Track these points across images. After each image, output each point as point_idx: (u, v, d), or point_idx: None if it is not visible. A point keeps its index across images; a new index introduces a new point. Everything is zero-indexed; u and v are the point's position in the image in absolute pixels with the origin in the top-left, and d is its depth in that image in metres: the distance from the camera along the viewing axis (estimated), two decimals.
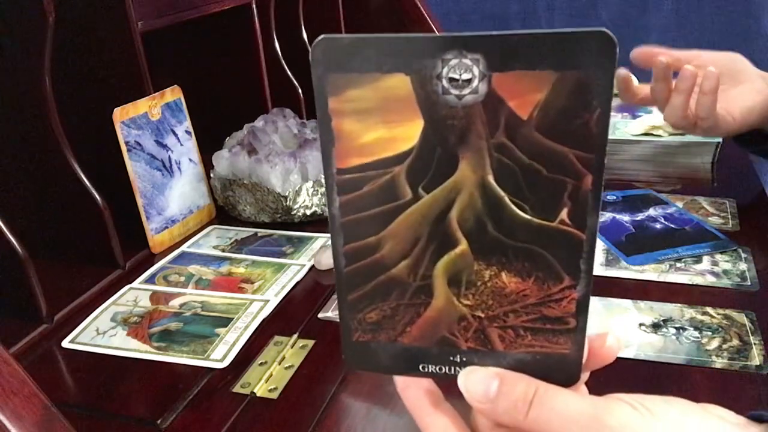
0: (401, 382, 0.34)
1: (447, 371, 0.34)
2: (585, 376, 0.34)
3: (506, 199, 0.30)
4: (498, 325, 0.32)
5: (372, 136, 0.30)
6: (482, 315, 0.33)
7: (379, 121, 0.30)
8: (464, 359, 0.33)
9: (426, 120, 0.30)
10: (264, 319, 0.68)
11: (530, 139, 0.29)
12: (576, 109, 0.28)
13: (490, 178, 0.30)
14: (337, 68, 0.29)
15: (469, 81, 0.28)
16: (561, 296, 0.31)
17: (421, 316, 0.33)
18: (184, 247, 0.85)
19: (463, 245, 0.32)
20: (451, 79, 0.29)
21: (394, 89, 0.29)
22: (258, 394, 0.57)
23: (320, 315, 0.68)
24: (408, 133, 0.30)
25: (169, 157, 0.86)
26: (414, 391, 0.34)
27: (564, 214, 0.30)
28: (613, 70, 0.27)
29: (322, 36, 0.29)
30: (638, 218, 0.85)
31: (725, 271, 0.72)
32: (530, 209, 0.30)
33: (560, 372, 0.32)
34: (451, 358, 0.33)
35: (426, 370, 0.34)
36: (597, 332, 0.33)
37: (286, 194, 0.85)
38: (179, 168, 0.88)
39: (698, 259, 0.75)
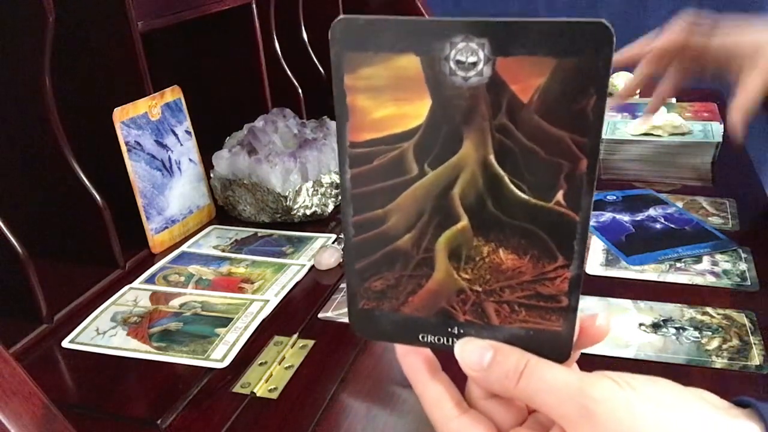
0: (401, 349, 0.36)
1: (444, 342, 0.35)
2: (576, 355, 0.35)
3: (506, 178, 0.32)
4: (494, 299, 0.34)
5: (383, 112, 0.32)
6: (480, 289, 0.34)
7: (390, 99, 0.31)
8: (461, 331, 0.35)
9: (434, 99, 0.31)
10: (264, 319, 0.68)
11: (530, 122, 0.30)
12: (574, 94, 0.29)
13: (492, 158, 0.31)
14: (354, 47, 0.31)
15: (474, 64, 0.30)
16: (555, 275, 0.33)
17: (423, 287, 0.34)
18: (184, 247, 0.85)
19: (464, 221, 0.33)
20: (458, 62, 0.30)
21: (405, 69, 0.31)
22: (258, 394, 0.57)
23: (320, 315, 0.68)
24: (416, 111, 0.31)
25: (169, 157, 0.86)
26: (413, 358, 0.35)
27: (560, 195, 0.31)
28: (610, 59, 0.28)
29: (341, 16, 0.31)
30: (638, 218, 0.85)
31: (725, 271, 0.72)
32: (528, 189, 0.32)
33: (552, 349, 0.33)
34: (449, 329, 0.35)
35: (425, 339, 0.35)
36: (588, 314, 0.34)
37: (286, 194, 0.85)
38: (179, 168, 0.88)
39: (698, 259, 0.75)
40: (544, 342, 0.33)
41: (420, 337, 0.35)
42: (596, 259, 0.76)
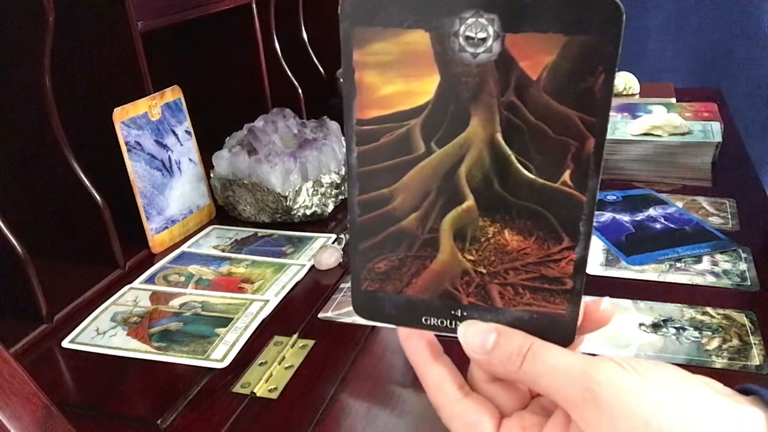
0: (404, 332, 0.36)
1: (448, 324, 0.35)
2: (581, 339, 0.35)
3: (513, 157, 0.31)
4: (498, 281, 0.33)
5: (391, 89, 0.31)
6: (484, 271, 0.34)
7: (398, 75, 0.31)
8: (465, 314, 0.34)
9: (442, 76, 0.31)
10: (264, 319, 0.68)
11: (538, 100, 0.30)
12: (582, 72, 0.29)
13: (499, 136, 0.31)
14: (363, 22, 0.30)
15: (484, 40, 0.30)
16: (560, 257, 0.32)
17: (427, 268, 0.34)
18: (184, 247, 0.85)
19: (469, 201, 0.33)
20: (468, 38, 0.30)
21: (414, 44, 0.30)
22: (258, 394, 0.57)
23: (320, 315, 0.68)
24: (424, 88, 0.31)
25: (169, 157, 0.86)
26: (415, 341, 0.35)
27: (566, 175, 0.31)
28: (620, 37, 0.28)
29: None
30: (638, 218, 0.85)
31: (725, 271, 0.72)
32: (535, 169, 0.31)
33: (556, 332, 0.33)
34: (453, 312, 0.35)
35: (428, 322, 0.35)
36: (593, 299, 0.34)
37: (286, 194, 0.85)
38: (179, 168, 0.88)
39: (698, 259, 0.75)
40: (547, 325, 0.33)
41: (423, 319, 0.35)
42: (596, 259, 0.76)
